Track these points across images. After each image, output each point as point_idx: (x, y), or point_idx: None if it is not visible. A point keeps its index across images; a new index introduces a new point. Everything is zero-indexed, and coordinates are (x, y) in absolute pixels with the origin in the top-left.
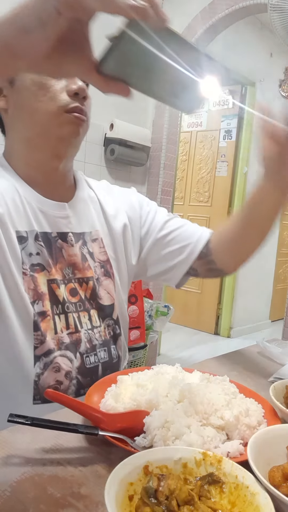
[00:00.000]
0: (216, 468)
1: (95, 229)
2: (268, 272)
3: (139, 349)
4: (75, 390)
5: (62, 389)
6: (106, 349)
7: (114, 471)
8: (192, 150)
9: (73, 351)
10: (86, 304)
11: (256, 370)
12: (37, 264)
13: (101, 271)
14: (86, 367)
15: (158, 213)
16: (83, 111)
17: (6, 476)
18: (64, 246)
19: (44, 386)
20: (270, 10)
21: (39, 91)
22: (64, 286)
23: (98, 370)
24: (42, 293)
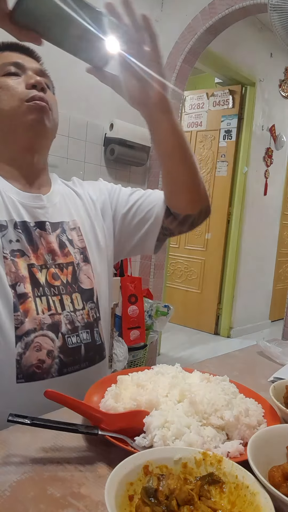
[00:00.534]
0: (216, 468)
1: (72, 219)
2: (268, 272)
3: (139, 349)
4: (57, 369)
5: (45, 367)
6: (88, 331)
7: (114, 471)
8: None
9: (55, 331)
10: (68, 288)
11: (256, 370)
12: (17, 250)
13: (80, 257)
14: (68, 347)
15: (122, 191)
16: (43, 98)
17: (6, 476)
18: (42, 234)
19: (26, 365)
20: (270, 10)
21: (2, 91)
22: (46, 271)
23: (81, 350)
24: (23, 276)
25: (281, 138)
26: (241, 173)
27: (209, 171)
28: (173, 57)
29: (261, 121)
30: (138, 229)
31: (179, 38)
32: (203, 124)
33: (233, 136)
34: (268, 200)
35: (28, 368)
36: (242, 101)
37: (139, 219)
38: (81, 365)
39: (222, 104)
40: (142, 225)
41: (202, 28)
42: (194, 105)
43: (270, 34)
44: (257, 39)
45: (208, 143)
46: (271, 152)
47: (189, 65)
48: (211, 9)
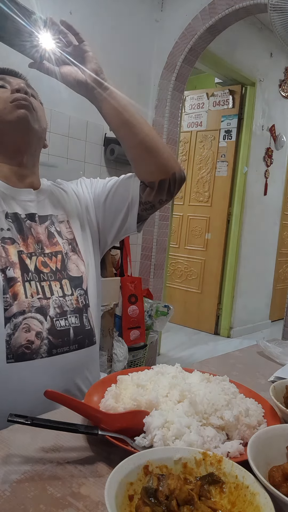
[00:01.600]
0: (216, 468)
1: (61, 213)
2: (268, 272)
3: (139, 349)
4: (46, 349)
5: (34, 348)
6: (77, 316)
7: (114, 471)
8: (192, 150)
9: (43, 314)
10: (58, 274)
11: (256, 370)
12: (8, 238)
13: (69, 247)
14: (56, 329)
15: (99, 181)
16: (26, 99)
17: (6, 476)
18: (32, 225)
19: (15, 345)
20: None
21: None
22: (35, 258)
23: (70, 333)
24: (12, 262)
25: (281, 138)
26: (241, 173)
27: (209, 171)
28: (173, 57)
29: (261, 121)
30: (119, 210)
31: (179, 38)
32: (203, 124)
33: (233, 136)
34: (268, 200)
35: (18, 348)
36: (242, 101)
37: (118, 201)
38: (70, 347)
39: (222, 104)
40: (122, 205)
41: (202, 28)
42: (194, 105)
43: (270, 34)
44: (257, 39)
45: (208, 143)
46: (271, 152)
47: (189, 65)
48: (211, 9)
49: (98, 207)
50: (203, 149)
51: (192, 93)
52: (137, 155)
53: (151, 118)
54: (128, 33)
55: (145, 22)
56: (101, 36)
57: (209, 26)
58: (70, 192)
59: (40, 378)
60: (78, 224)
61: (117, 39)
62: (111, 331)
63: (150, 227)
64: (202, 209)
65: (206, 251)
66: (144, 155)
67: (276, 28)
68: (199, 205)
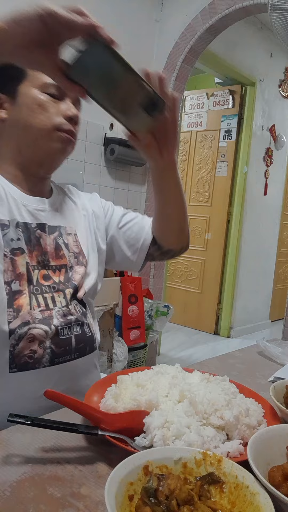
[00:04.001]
0: (216, 468)
1: (69, 225)
2: (268, 272)
3: (139, 349)
4: (49, 359)
5: (36, 357)
6: (79, 323)
7: (114, 471)
8: (192, 150)
9: (47, 324)
10: (61, 285)
11: (256, 370)
12: (17, 248)
13: (74, 261)
14: (59, 338)
15: (116, 209)
16: (74, 133)
17: (6, 476)
18: (42, 235)
19: (19, 355)
20: (270, 10)
21: (38, 109)
22: (37, 272)
23: (72, 342)
24: (20, 273)
25: (281, 138)
26: (241, 173)
27: (209, 171)
28: (173, 57)
29: (261, 121)
30: (126, 249)
31: (179, 38)
32: (203, 124)
33: (233, 136)
34: (268, 200)
35: (21, 358)
36: (242, 101)
37: (128, 241)
38: (72, 355)
39: (222, 104)
40: (130, 247)
41: (202, 28)
42: (194, 105)
43: (270, 34)
44: (257, 39)
45: (208, 143)
46: (271, 152)
47: (189, 65)
48: (211, 9)
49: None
50: (203, 149)
51: (192, 93)
52: (171, 225)
53: None
54: (128, 33)
55: (145, 22)
56: None
57: (209, 26)
58: (82, 205)
59: (42, 386)
60: (86, 238)
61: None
62: (111, 331)
63: None
64: (202, 209)
65: (206, 251)
66: (175, 228)
67: (276, 28)
68: (199, 205)
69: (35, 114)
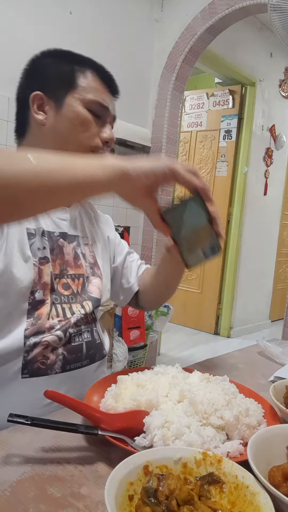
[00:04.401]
0: (216, 468)
1: (86, 236)
2: (268, 272)
3: (139, 349)
4: (61, 365)
5: (49, 363)
6: (89, 329)
7: (114, 471)
8: (192, 150)
9: (63, 332)
10: (78, 297)
11: (256, 370)
12: (43, 257)
13: (90, 271)
14: (71, 344)
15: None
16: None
17: (6, 476)
18: (64, 244)
19: (32, 361)
20: (270, 10)
21: (80, 127)
22: (58, 280)
23: (83, 348)
24: (45, 283)
25: (281, 138)
26: (241, 173)
27: (209, 171)
28: (173, 57)
29: (261, 121)
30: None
31: (179, 38)
32: (203, 124)
33: (233, 136)
34: (268, 200)
35: (33, 364)
36: (242, 101)
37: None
38: (83, 362)
39: (222, 104)
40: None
41: (202, 28)
42: (194, 105)
43: (270, 34)
44: (257, 39)
45: (208, 143)
46: (271, 152)
47: (189, 65)
48: (211, 9)
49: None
50: (203, 149)
51: (192, 93)
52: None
53: (151, 118)
54: (128, 33)
55: (145, 22)
56: (101, 36)
57: (209, 26)
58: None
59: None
60: (99, 250)
61: (117, 39)
62: (111, 331)
63: (150, 227)
64: None
65: None
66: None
67: (276, 28)
68: None
69: (77, 131)
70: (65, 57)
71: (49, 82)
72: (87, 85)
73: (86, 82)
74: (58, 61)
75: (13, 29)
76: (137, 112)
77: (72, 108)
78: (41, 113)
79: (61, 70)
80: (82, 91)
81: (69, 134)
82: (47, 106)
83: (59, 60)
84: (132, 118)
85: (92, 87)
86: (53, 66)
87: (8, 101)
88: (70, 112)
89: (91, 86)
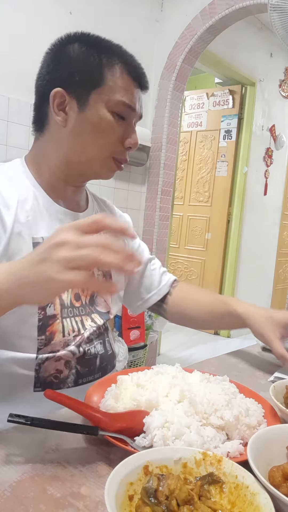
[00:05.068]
0: (216, 468)
1: None
2: (268, 272)
3: (139, 349)
4: (74, 379)
5: (62, 377)
6: (101, 341)
7: (114, 471)
8: (192, 150)
9: (76, 347)
10: (87, 309)
11: (256, 370)
12: None
13: (102, 280)
14: (85, 358)
15: (145, 248)
16: (126, 161)
17: (6, 476)
18: None
19: (44, 374)
20: (270, 10)
21: (102, 132)
22: (70, 291)
23: (96, 361)
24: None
25: (281, 138)
26: (241, 173)
27: (209, 171)
28: (173, 57)
29: (261, 121)
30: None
31: (179, 38)
32: (203, 124)
33: (233, 136)
34: (268, 200)
35: (46, 377)
36: (242, 101)
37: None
38: (95, 376)
39: (222, 104)
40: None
41: (202, 28)
42: (194, 105)
43: (270, 34)
44: (257, 39)
45: (208, 143)
46: (271, 152)
47: (189, 65)
48: (211, 9)
49: None
50: (203, 149)
51: (192, 93)
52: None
53: (151, 118)
54: (128, 33)
55: (145, 22)
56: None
57: (209, 26)
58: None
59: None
60: None
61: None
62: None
63: (150, 227)
64: (202, 209)
65: (206, 251)
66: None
67: (276, 28)
68: (199, 205)
69: (99, 136)
70: (93, 45)
71: (73, 77)
72: (114, 83)
73: (113, 80)
74: (85, 50)
75: (13, 29)
76: None
77: (95, 109)
78: (61, 113)
79: (87, 62)
80: (109, 90)
81: (90, 139)
82: (68, 106)
83: (86, 48)
84: None
85: (120, 86)
86: (79, 56)
87: (8, 101)
88: (93, 115)
89: (119, 85)
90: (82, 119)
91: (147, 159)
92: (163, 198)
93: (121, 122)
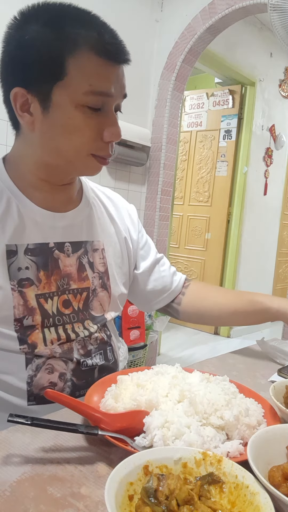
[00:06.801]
0: (216, 468)
1: (97, 239)
2: (268, 272)
3: (139, 349)
4: (69, 392)
5: (56, 390)
6: (102, 352)
7: (114, 471)
8: (192, 150)
9: (67, 357)
10: (80, 315)
11: (256, 370)
12: (25, 279)
13: (98, 282)
14: (81, 369)
15: (152, 246)
16: (110, 155)
17: (6, 476)
18: (60, 256)
19: (37, 387)
20: (270, 10)
21: (75, 132)
22: (57, 298)
23: (94, 373)
24: (32, 307)
25: (281, 138)
26: (241, 173)
27: (209, 171)
28: (173, 57)
29: (261, 121)
30: (141, 293)
31: (179, 38)
32: (203, 124)
33: (233, 136)
34: (268, 200)
35: (40, 390)
36: (242, 101)
37: (147, 291)
38: None
39: (222, 104)
40: (147, 296)
41: (202, 28)
42: (194, 105)
43: (270, 34)
44: (257, 39)
45: (208, 143)
46: (271, 152)
47: (189, 65)
48: (211, 9)
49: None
50: (203, 149)
51: (192, 93)
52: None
53: (151, 118)
54: (128, 33)
55: (145, 22)
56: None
57: (209, 26)
58: (119, 219)
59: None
60: (115, 254)
61: None
62: None
63: (150, 227)
64: (202, 209)
65: (206, 251)
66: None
67: (276, 28)
68: (199, 205)
69: (72, 137)
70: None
71: (31, 71)
72: (80, 70)
73: (78, 67)
74: (42, 32)
75: None
76: (137, 112)
77: (61, 108)
78: (26, 115)
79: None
80: (74, 81)
81: (63, 141)
82: (32, 106)
83: (44, 30)
84: (132, 118)
85: (87, 72)
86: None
87: None
88: (59, 116)
89: (86, 72)
90: (49, 121)
91: (147, 159)
92: (163, 198)
93: (96, 115)
